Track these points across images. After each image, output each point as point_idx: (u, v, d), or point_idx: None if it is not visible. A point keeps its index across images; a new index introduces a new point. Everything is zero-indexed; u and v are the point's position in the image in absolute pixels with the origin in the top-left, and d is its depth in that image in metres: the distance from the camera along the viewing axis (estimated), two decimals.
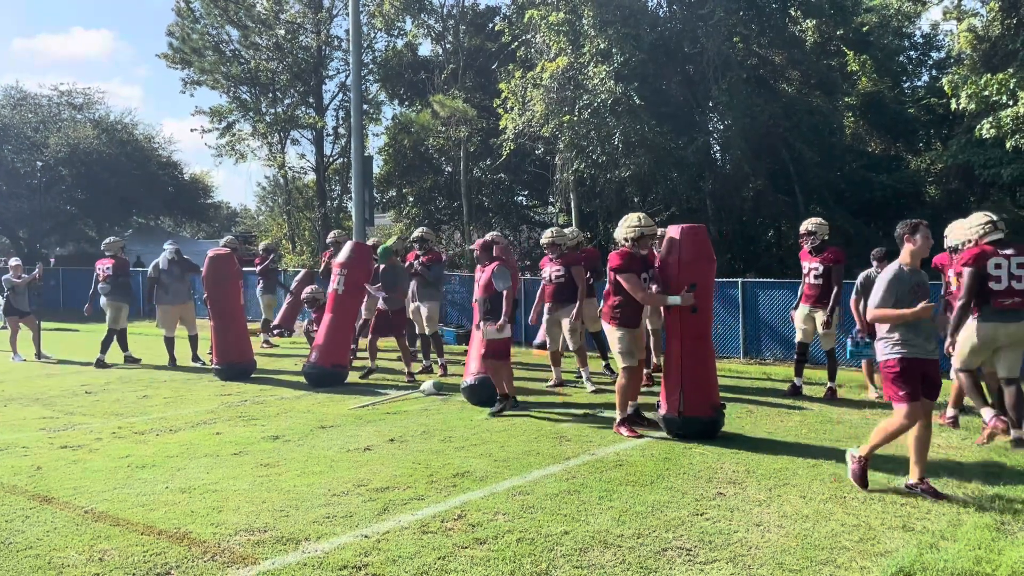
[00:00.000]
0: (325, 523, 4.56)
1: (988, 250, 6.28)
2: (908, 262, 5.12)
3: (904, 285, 5.03)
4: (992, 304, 6.23)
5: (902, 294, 5.01)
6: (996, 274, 6.19)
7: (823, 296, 8.38)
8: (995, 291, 6.20)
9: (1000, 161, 13.98)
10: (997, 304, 6.21)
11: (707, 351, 6.78)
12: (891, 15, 20.28)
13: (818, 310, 8.43)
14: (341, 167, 24.92)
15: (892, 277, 5.06)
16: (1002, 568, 3.85)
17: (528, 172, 22.97)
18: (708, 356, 6.78)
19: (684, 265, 6.61)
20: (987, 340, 6.31)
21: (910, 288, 5.03)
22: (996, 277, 6.19)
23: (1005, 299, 6.19)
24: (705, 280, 6.68)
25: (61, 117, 30.03)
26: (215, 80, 24.00)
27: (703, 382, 6.67)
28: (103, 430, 7.17)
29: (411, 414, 7.85)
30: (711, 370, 6.82)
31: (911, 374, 4.97)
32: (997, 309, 6.22)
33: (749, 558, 4.03)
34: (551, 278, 9.18)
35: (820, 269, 8.40)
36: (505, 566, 3.92)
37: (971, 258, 6.28)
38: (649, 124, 15.34)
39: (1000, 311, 6.22)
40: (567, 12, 16.14)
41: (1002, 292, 6.19)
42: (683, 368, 6.62)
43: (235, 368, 10.22)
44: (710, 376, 6.78)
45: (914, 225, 5.13)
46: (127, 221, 33.89)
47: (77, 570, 3.93)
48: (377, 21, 23.37)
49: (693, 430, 6.60)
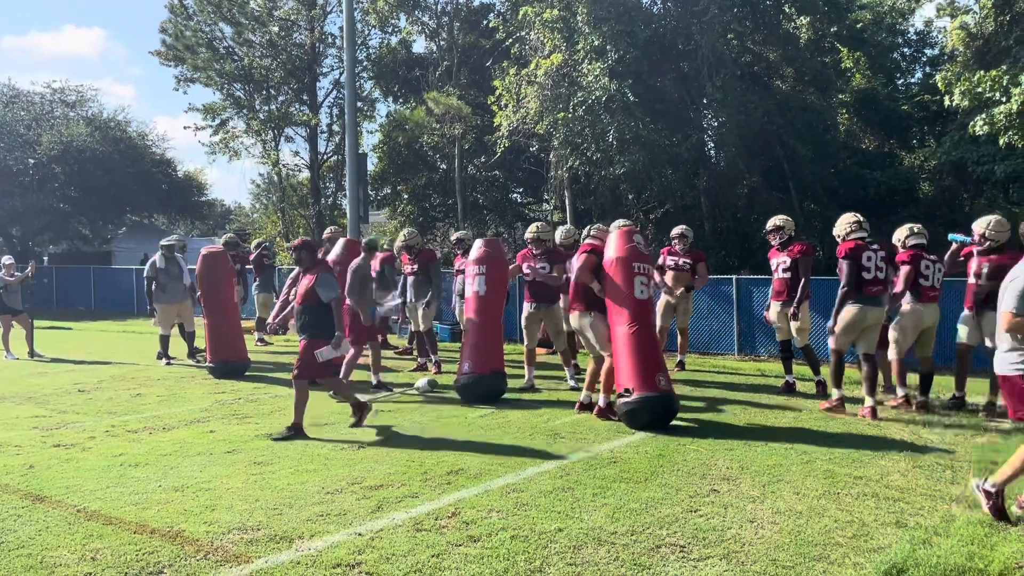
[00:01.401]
0: (319, 521, 4.55)
1: (862, 244, 7.35)
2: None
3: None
4: (863, 291, 7.27)
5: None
6: (867, 265, 7.28)
7: (793, 290, 8.32)
8: (866, 280, 7.26)
9: (993, 158, 14.01)
10: (867, 291, 7.27)
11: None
12: (885, 12, 20.30)
13: (790, 305, 8.36)
14: (335, 164, 24.89)
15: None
16: (994, 564, 3.86)
17: (523, 169, 22.96)
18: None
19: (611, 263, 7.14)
20: (858, 321, 7.33)
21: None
22: (867, 268, 7.28)
23: (873, 287, 7.29)
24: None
25: (54, 115, 29.91)
26: (208, 77, 23.95)
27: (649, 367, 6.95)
28: (96, 428, 7.14)
29: (405, 412, 7.84)
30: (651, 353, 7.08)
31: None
32: (867, 295, 7.28)
33: (743, 554, 4.03)
34: (534, 276, 8.97)
35: (788, 263, 8.39)
36: (499, 563, 3.92)
37: (848, 252, 7.32)
38: (643, 121, 15.34)
39: (869, 297, 7.29)
40: (561, 9, 16.13)
41: (871, 281, 7.28)
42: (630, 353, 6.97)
43: (229, 366, 10.20)
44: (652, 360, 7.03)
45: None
46: (121, 219, 33.81)
47: (69, 569, 3.91)
48: (371, 18, 23.35)
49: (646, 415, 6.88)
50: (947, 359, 10.08)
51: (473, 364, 8.31)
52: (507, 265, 8.94)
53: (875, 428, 6.93)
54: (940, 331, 7.98)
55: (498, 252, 8.79)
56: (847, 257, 7.31)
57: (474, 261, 8.66)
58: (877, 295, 7.33)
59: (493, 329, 8.56)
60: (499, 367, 8.46)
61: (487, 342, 8.43)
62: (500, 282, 8.69)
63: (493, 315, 8.59)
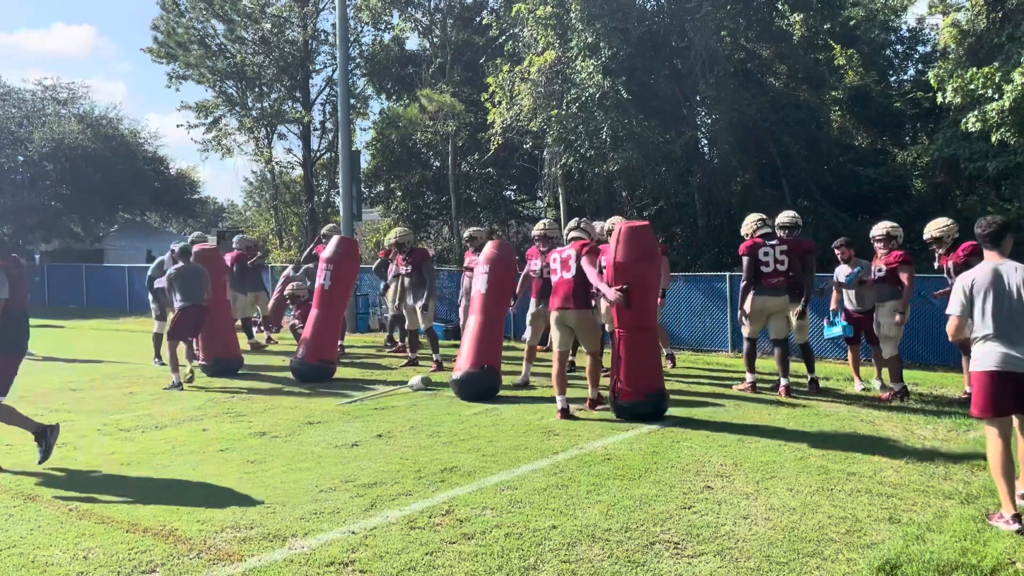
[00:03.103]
0: (312, 519, 4.54)
1: (759, 242, 8.21)
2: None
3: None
4: (763, 283, 8.12)
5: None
6: (765, 260, 8.11)
7: (795, 287, 8.39)
8: (765, 273, 8.10)
9: (986, 154, 14.04)
10: (766, 283, 8.12)
11: (649, 342, 7.22)
12: (877, 9, 20.30)
13: (792, 304, 8.43)
14: (328, 162, 24.81)
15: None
16: (987, 559, 3.87)
17: (516, 167, 22.93)
18: (649, 346, 7.25)
19: (619, 266, 7.11)
20: (761, 309, 8.23)
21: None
22: (765, 263, 8.11)
23: (771, 279, 8.11)
24: (644, 279, 7.11)
25: (45, 112, 29.72)
26: (201, 75, 23.82)
27: (641, 371, 7.12)
28: (88, 427, 7.11)
29: (399, 409, 7.83)
30: (652, 360, 7.24)
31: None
32: (766, 286, 8.12)
33: (736, 551, 4.03)
34: (541, 272, 8.93)
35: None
36: (493, 561, 3.91)
37: (747, 249, 8.20)
38: (637, 118, 15.33)
39: (769, 288, 8.12)
40: (555, 6, 16.10)
41: (769, 274, 8.09)
42: (624, 356, 7.13)
43: (222, 364, 10.16)
44: (650, 365, 7.21)
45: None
46: (113, 217, 33.62)
47: (61, 568, 3.89)
48: (364, 15, 23.26)
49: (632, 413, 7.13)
50: (943, 357, 10.14)
51: (469, 361, 8.33)
52: (515, 268, 9.04)
53: (869, 425, 6.95)
54: (938, 330, 8.17)
55: (506, 255, 8.88)
56: (746, 254, 8.19)
57: (483, 261, 8.78)
58: (776, 286, 8.13)
59: (493, 328, 8.61)
60: (495, 365, 8.50)
61: (486, 340, 8.48)
62: (505, 283, 8.83)
63: (495, 315, 8.69)
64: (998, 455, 4.45)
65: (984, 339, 4.53)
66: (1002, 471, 4.41)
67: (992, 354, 4.48)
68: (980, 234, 4.70)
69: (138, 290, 19.90)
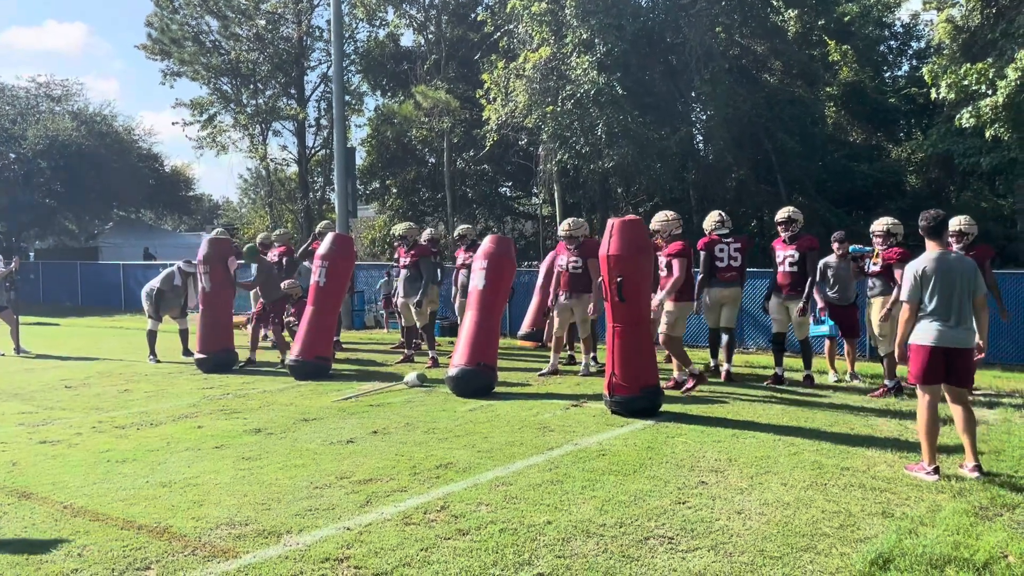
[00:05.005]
0: (307, 516, 4.54)
1: (715, 239, 8.84)
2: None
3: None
4: (716, 276, 8.82)
5: None
6: (720, 256, 8.79)
7: (797, 284, 8.47)
8: (719, 268, 8.79)
9: (979, 150, 14.09)
10: (720, 276, 8.82)
11: (643, 337, 7.31)
12: (872, 5, 20.34)
13: (792, 299, 8.49)
14: (324, 159, 24.76)
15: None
16: (980, 553, 3.89)
17: (512, 163, 22.94)
18: (644, 341, 7.32)
19: (612, 259, 7.20)
20: (715, 301, 8.91)
21: None
22: (720, 258, 8.79)
23: (725, 273, 8.81)
24: (637, 272, 7.20)
25: (39, 109, 29.64)
26: (195, 71, 23.74)
27: (635, 366, 7.16)
28: (83, 425, 7.10)
29: (394, 406, 7.83)
30: (646, 354, 7.29)
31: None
32: (719, 280, 8.82)
33: (730, 545, 4.05)
34: (568, 267, 9.45)
35: (796, 256, 8.49)
36: (488, 557, 3.92)
37: (704, 245, 8.87)
38: (632, 114, 15.34)
39: (722, 281, 8.82)
40: (550, 2, 16.10)
41: (723, 269, 8.79)
42: (619, 352, 7.19)
43: (217, 360, 10.16)
44: (644, 360, 7.25)
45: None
46: (107, 214, 33.55)
47: (56, 566, 3.89)
48: (359, 11, 23.24)
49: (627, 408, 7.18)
50: None
51: (465, 357, 8.33)
52: (513, 264, 9.05)
53: (862, 420, 6.97)
54: None
55: (505, 251, 8.88)
56: (703, 249, 8.87)
57: (480, 256, 8.78)
58: (729, 279, 8.83)
59: (490, 325, 8.61)
60: (491, 362, 8.50)
61: (482, 337, 8.47)
62: (503, 280, 8.84)
63: (492, 311, 8.69)
64: (925, 417, 5.18)
65: (926, 317, 5.17)
66: (927, 430, 5.17)
67: (931, 330, 5.14)
68: (925, 226, 5.27)
69: (133, 288, 19.87)
